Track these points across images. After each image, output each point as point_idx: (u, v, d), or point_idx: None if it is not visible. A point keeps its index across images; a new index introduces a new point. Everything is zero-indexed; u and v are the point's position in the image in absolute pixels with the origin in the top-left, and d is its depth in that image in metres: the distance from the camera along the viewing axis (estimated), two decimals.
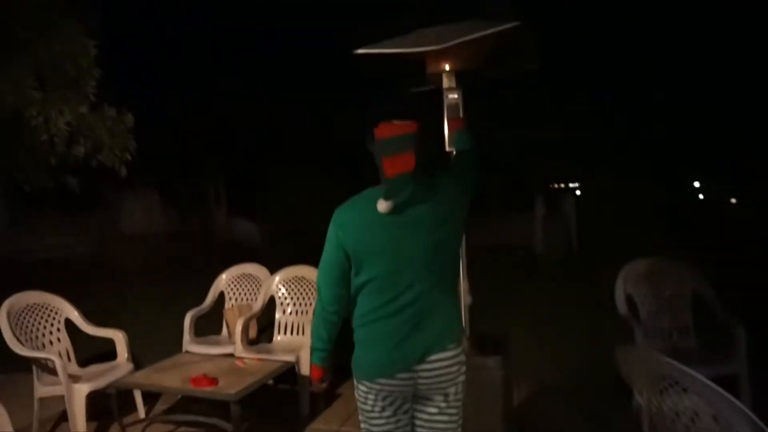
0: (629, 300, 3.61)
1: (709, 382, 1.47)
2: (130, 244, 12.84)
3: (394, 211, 1.82)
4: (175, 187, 16.37)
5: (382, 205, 1.80)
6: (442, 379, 1.88)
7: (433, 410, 1.93)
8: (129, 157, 9.30)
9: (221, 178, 16.49)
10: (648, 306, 3.66)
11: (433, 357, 1.86)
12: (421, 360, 1.85)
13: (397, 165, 1.81)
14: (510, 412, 2.80)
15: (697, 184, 20.46)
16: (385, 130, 1.88)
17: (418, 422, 1.97)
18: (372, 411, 1.92)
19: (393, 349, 1.86)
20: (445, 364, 1.87)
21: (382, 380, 1.87)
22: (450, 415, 1.93)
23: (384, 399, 1.90)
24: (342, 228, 1.90)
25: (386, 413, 1.91)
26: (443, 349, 1.87)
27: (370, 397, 1.91)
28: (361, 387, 1.93)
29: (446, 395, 1.91)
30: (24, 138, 8.31)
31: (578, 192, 12.96)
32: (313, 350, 2.03)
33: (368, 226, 1.87)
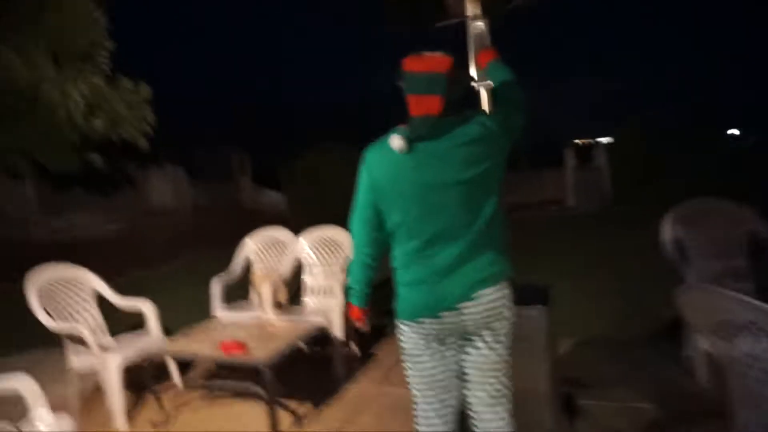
0: (678, 243, 3.37)
1: None
2: (157, 219, 12.96)
3: (412, 151, 1.73)
4: (199, 159, 16.43)
5: (397, 143, 1.72)
6: (488, 314, 1.81)
7: (480, 344, 1.86)
8: (148, 129, 9.26)
9: (244, 147, 16.44)
10: (698, 249, 3.40)
11: (477, 293, 1.79)
12: (464, 298, 1.78)
13: (422, 106, 1.73)
14: (555, 362, 2.66)
15: (736, 132, 19.54)
16: (414, 64, 1.76)
17: (466, 364, 1.90)
18: (415, 350, 1.88)
19: (433, 288, 1.80)
20: (489, 299, 1.80)
21: (427, 319, 1.82)
22: (497, 350, 1.85)
23: (426, 338, 1.85)
24: (370, 168, 1.85)
25: (429, 352, 1.86)
26: (485, 287, 1.80)
27: (413, 336, 1.86)
28: (404, 327, 1.88)
29: (492, 329, 1.84)
30: (41, 115, 8.30)
31: (609, 145, 12.48)
32: (349, 290, 2.01)
33: (396, 165, 1.78)
